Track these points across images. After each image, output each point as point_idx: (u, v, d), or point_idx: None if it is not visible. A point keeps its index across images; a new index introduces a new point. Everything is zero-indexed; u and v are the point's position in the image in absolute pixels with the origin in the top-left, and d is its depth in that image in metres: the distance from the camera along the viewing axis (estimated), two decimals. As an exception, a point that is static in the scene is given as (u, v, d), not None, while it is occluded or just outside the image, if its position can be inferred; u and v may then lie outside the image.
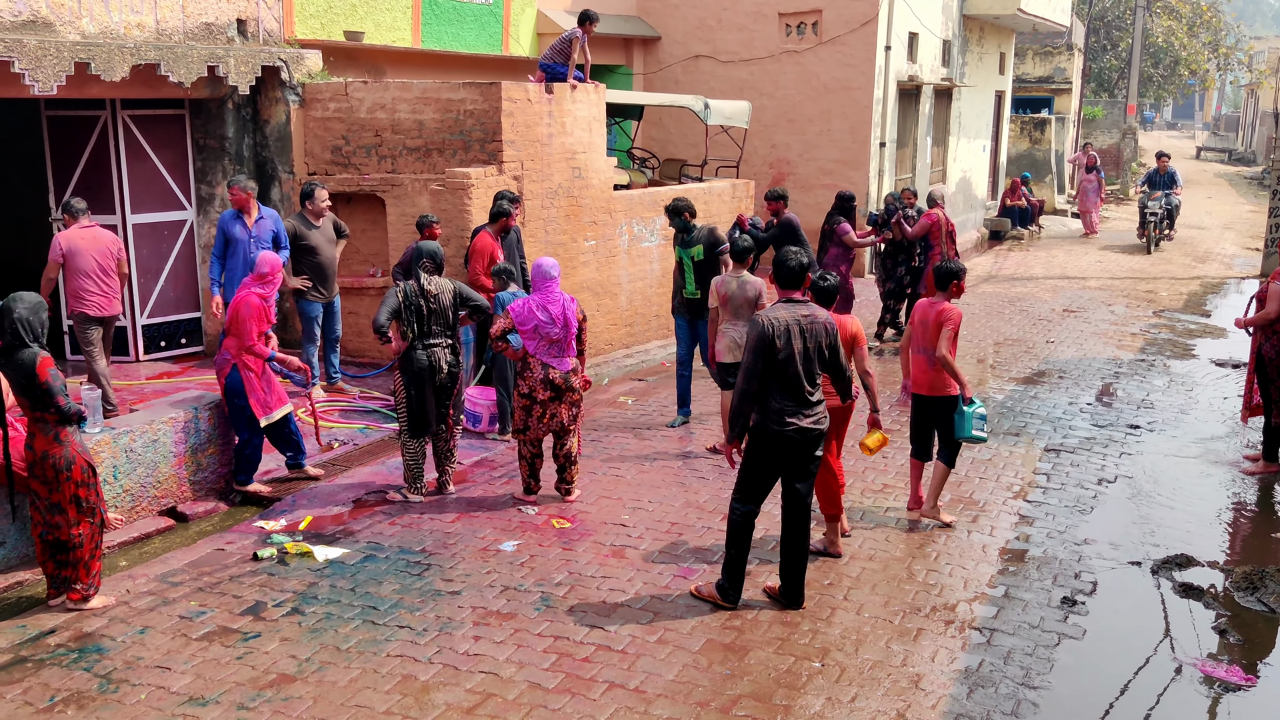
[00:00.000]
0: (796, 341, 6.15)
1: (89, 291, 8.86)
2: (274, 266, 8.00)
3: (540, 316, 7.71)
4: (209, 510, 7.85)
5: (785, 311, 6.23)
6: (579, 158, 11.86)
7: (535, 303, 7.75)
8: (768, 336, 6.10)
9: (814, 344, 6.22)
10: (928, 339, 7.49)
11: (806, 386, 6.20)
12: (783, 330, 6.12)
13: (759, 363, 6.12)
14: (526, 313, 7.72)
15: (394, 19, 13.23)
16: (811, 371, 6.23)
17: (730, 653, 5.90)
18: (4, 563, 6.71)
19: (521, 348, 7.82)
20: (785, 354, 6.12)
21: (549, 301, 7.76)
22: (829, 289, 6.85)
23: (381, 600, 6.44)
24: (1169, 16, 44.64)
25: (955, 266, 7.65)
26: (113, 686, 5.51)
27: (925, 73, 19.75)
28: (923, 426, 7.78)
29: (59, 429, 6.15)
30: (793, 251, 6.39)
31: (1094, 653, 6.07)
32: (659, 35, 18.93)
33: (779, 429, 6.16)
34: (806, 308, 6.29)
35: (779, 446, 6.22)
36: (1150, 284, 18.65)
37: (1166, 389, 11.73)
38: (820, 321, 6.26)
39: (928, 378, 7.54)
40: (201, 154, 11.23)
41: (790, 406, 6.17)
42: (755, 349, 6.13)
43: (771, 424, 6.17)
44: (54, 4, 9.16)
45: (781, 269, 6.38)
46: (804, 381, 6.18)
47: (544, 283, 7.82)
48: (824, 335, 6.26)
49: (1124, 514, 8.17)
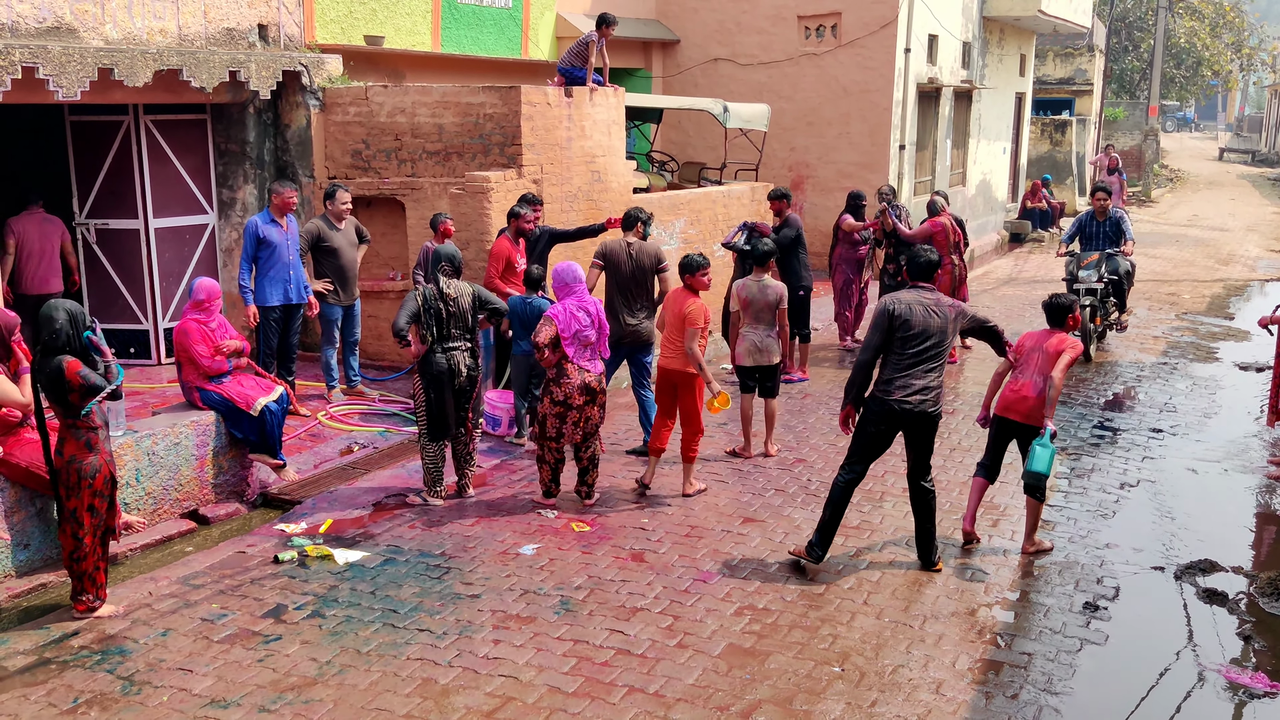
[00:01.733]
0: (917, 320, 6.62)
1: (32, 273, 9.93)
2: (210, 293, 7.97)
3: (581, 319, 7.72)
4: (230, 513, 7.89)
5: (910, 294, 6.74)
6: (598, 161, 11.87)
7: (573, 306, 7.74)
8: (889, 313, 6.63)
9: (937, 323, 6.66)
10: (1045, 365, 7.18)
11: (922, 365, 6.65)
12: (904, 308, 6.65)
13: (877, 337, 6.68)
14: (569, 318, 7.68)
15: (414, 23, 13.27)
16: (927, 353, 6.67)
17: (750, 657, 5.89)
18: (28, 565, 6.76)
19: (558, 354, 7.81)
20: (903, 333, 6.63)
21: (584, 304, 7.79)
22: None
23: (401, 603, 6.46)
24: (1191, 17, 44.40)
25: (1066, 301, 7.39)
26: (135, 688, 5.54)
27: (945, 75, 19.69)
28: (1002, 451, 7.51)
29: (90, 434, 6.19)
30: (925, 249, 6.89)
31: (1116, 659, 6.03)
32: (678, 38, 18.93)
33: (890, 401, 6.67)
34: (931, 294, 6.76)
35: (889, 419, 6.73)
36: (1172, 286, 18.53)
37: (1189, 392, 11.65)
38: (944, 304, 6.73)
39: (1029, 405, 7.19)
40: (223, 158, 11.29)
41: (900, 380, 6.66)
42: (876, 324, 6.69)
43: (881, 395, 6.70)
44: (78, 10, 9.22)
45: (914, 264, 6.88)
46: (916, 362, 6.65)
47: (574, 286, 7.82)
48: (948, 312, 6.71)
49: (1146, 519, 8.12)
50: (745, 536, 7.50)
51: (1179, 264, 21.16)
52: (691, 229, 13.36)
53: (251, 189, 11.25)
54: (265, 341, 9.56)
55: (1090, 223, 13.45)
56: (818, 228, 17.80)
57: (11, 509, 6.64)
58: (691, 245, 13.28)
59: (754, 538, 7.49)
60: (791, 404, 10.84)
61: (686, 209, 13.34)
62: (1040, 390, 7.14)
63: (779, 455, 9.27)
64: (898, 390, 6.68)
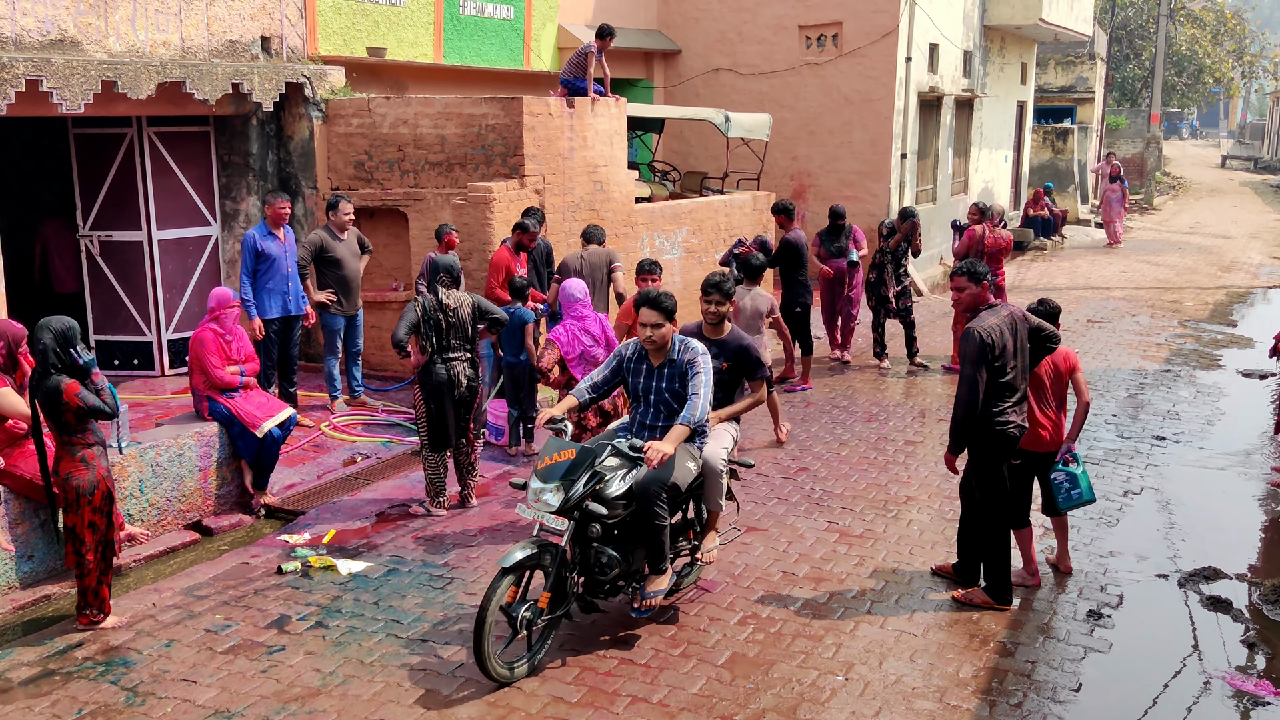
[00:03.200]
0: (1009, 342, 6.33)
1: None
2: (221, 301, 7.97)
3: (585, 341, 7.65)
4: (233, 524, 7.90)
5: (993, 318, 6.38)
6: (600, 171, 11.89)
7: (575, 328, 7.65)
8: (987, 344, 6.25)
9: (1020, 340, 6.39)
10: (1060, 387, 6.91)
11: (1020, 385, 6.41)
12: (998, 335, 6.29)
13: (978, 372, 6.26)
14: (571, 340, 7.61)
15: (416, 35, 13.31)
16: (1025, 369, 6.45)
17: (754, 666, 5.88)
18: (32, 577, 6.77)
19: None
20: (1000, 361, 6.30)
21: (587, 324, 7.70)
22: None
23: (404, 614, 6.46)
24: (1192, 24, 44.47)
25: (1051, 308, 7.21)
26: (139, 700, 5.54)
27: (946, 84, 19.72)
28: (1028, 488, 6.93)
29: (86, 451, 6.19)
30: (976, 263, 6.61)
31: (1120, 666, 6.02)
32: (679, 49, 18.98)
33: (998, 428, 6.36)
34: (1006, 307, 6.46)
35: (1006, 446, 6.42)
36: (1175, 294, 18.52)
37: (1193, 400, 11.64)
38: (1016, 316, 6.44)
39: (1051, 434, 6.86)
40: (226, 170, 11.32)
41: (1009, 408, 6.37)
42: (976, 360, 6.25)
43: (989, 424, 6.36)
44: (81, 23, 9.26)
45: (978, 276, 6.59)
46: (1018, 382, 6.39)
47: (573, 305, 7.76)
48: (1022, 325, 6.43)
49: (1150, 526, 8.11)
50: (749, 545, 7.50)
51: (1182, 271, 21.15)
52: (694, 238, 13.38)
53: (254, 200, 11.29)
54: (265, 353, 9.56)
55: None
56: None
57: (15, 520, 6.65)
58: (694, 254, 13.31)
59: (757, 547, 7.49)
60: (794, 413, 10.84)
61: (688, 218, 13.36)
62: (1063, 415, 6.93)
63: (784, 465, 9.27)
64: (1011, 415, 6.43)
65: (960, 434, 6.40)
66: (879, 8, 17.37)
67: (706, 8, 18.65)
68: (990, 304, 6.51)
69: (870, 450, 9.69)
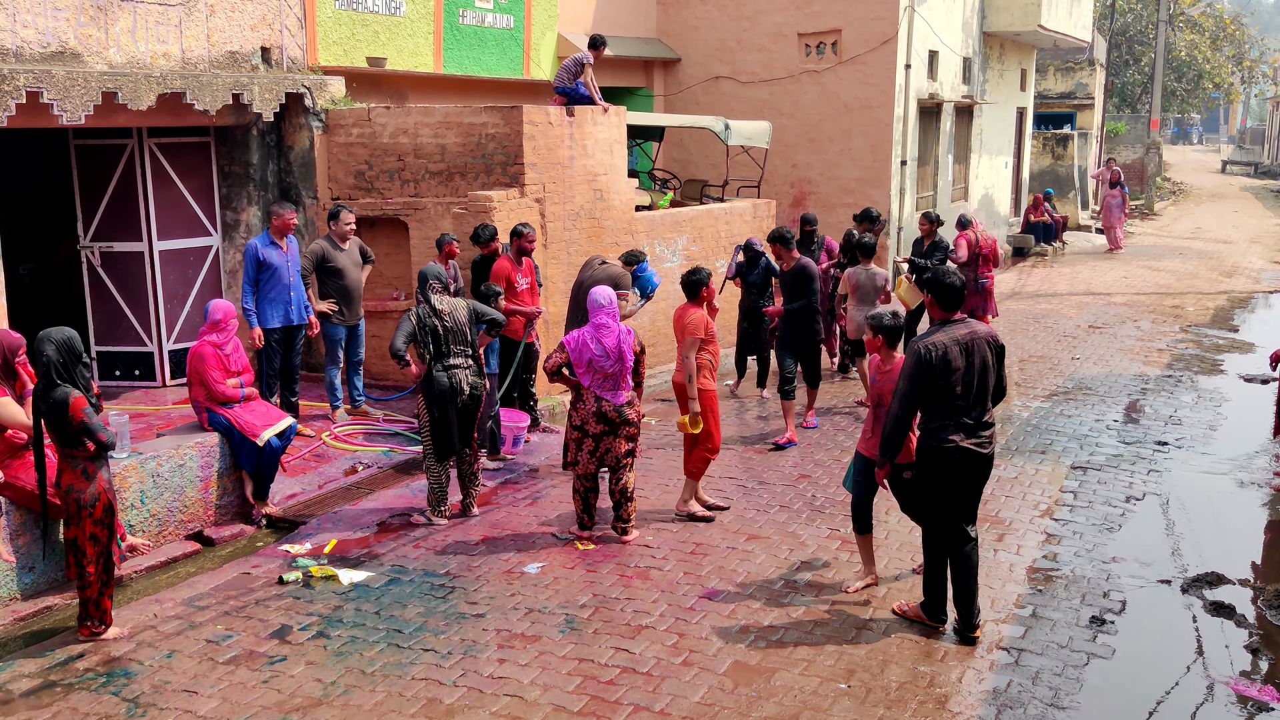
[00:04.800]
0: (958, 363, 6.00)
1: None
2: (225, 313, 7.97)
3: (594, 349, 7.46)
4: (234, 534, 7.89)
5: (942, 335, 6.06)
6: (600, 179, 11.90)
7: (589, 335, 7.50)
8: (926, 362, 5.98)
9: (980, 360, 6.07)
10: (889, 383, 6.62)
11: (970, 407, 6.07)
12: (940, 354, 5.99)
13: (915, 389, 6.03)
14: (580, 345, 7.49)
15: (416, 44, 13.33)
16: (983, 391, 6.11)
17: (756, 674, 5.87)
18: (34, 588, 6.77)
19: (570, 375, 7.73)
20: (946, 378, 5.98)
21: (602, 334, 7.49)
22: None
23: (406, 623, 6.45)
24: (1192, 30, 44.52)
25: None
26: (140, 711, 5.53)
27: (946, 90, 19.74)
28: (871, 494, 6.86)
29: (87, 464, 6.19)
30: (951, 271, 6.30)
31: (1124, 673, 6.01)
32: (679, 57, 19.00)
33: (943, 448, 6.06)
34: (965, 325, 6.14)
35: (946, 464, 6.10)
36: (1177, 299, 18.52)
37: (1194, 405, 11.63)
38: (981, 335, 6.12)
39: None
40: (227, 180, 11.33)
41: (952, 426, 6.05)
42: (911, 375, 6.03)
43: (933, 442, 6.10)
44: (82, 35, 9.28)
45: (940, 288, 6.18)
46: (971, 403, 6.06)
47: (594, 312, 7.54)
48: (988, 350, 6.12)
49: (1153, 532, 8.10)
50: (750, 553, 7.49)
51: (1183, 276, 21.15)
52: (694, 246, 13.39)
53: (255, 210, 11.30)
54: (267, 363, 9.57)
55: None
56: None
57: (16, 532, 6.65)
58: (694, 262, 13.29)
59: (759, 554, 7.48)
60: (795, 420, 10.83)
61: (689, 226, 13.37)
62: None
63: (785, 471, 9.26)
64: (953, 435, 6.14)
65: (888, 448, 6.22)
66: (878, 15, 17.40)
67: (706, 16, 18.68)
68: (950, 319, 6.15)
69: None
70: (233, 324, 8.02)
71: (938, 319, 6.20)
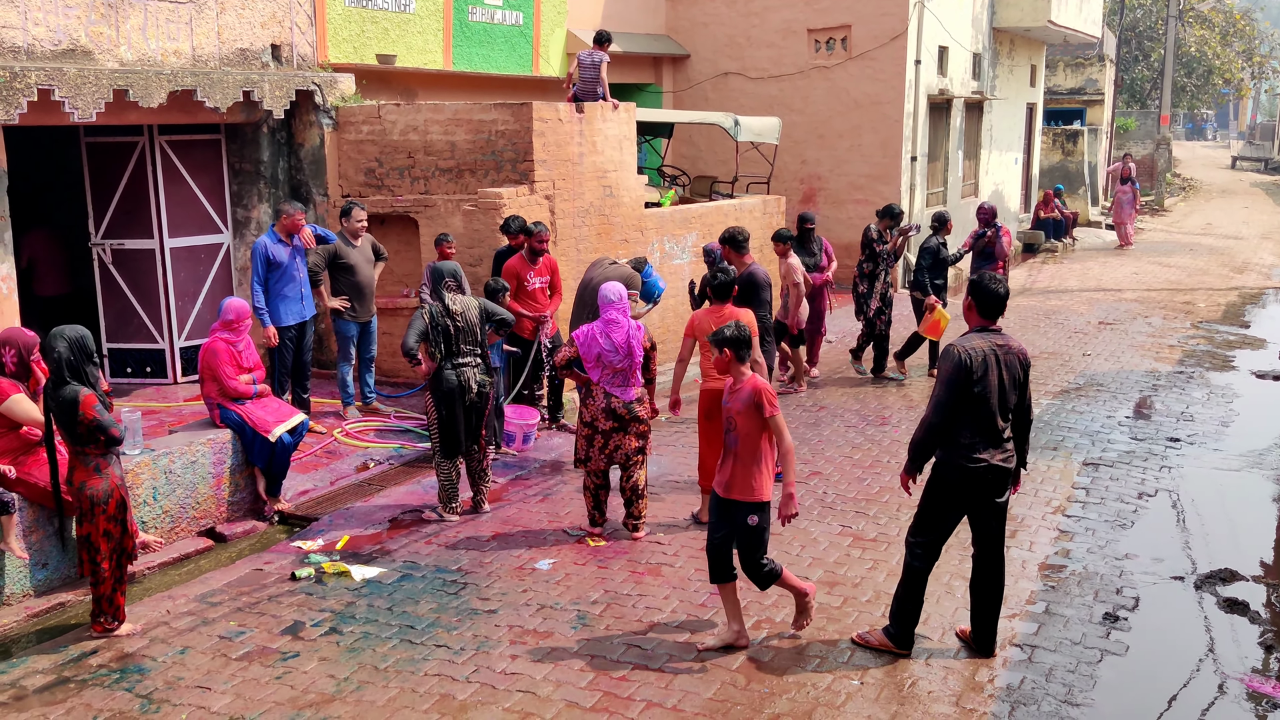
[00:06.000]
0: (993, 374, 5.74)
1: None
2: (240, 314, 7.99)
3: (603, 344, 7.42)
4: (246, 530, 7.91)
5: (981, 341, 5.82)
6: (610, 176, 11.90)
7: (599, 330, 7.46)
8: (965, 367, 5.70)
9: (1010, 376, 5.80)
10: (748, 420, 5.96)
11: (999, 421, 5.80)
12: (980, 361, 5.72)
13: (952, 395, 5.74)
14: (589, 340, 7.46)
15: (425, 41, 13.34)
16: (1006, 406, 5.82)
17: (768, 671, 5.86)
18: (47, 584, 6.79)
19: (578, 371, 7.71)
20: (981, 387, 5.72)
21: (612, 329, 7.45)
22: (723, 284, 7.69)
23: (419, 619, 6.45)
24: (1201, 26, 44.36)
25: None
26: (154, 707, 5.54)
27: (956, 86, 19.69)
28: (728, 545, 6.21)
29: (99, 460, 6.20)
30: (996, 278, 5.95)
31: (1137, 669, 5.99)
32: (688, 53, 18.98)
33: (969, 465, 5.79)
34: (1001, 337, 5.87)
35: (967, 484, 5.83)
36: (1187, 295, 18.46)
37: (1206, 401, 11.59)
38: (1014, 351, 5.84)
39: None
40: (237, 178, 11.35)
41: (981, 443, 5.79)
42: (949, 381, 5.74)
43: (960, 460, 5.80)
44: (93, 33, 9.30)
45: (984, 294, 5.89)
46: (997, 416, 5.78)
47: (605, 308, 7.50)
48: (1018, 367, 5.83)
49: (1166, 528, 8.08)
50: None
51: (1193, 272, 21.08)
52: (703, 243, 13.36)
53: (266, 208, 11.31)
54: (280, 360, 9.58)
55: None
56: (830, 239, 17.75)
57: (30, 528, 6.67)
58: (702, 260, 13.28)
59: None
60: (806, 416, 10.83)
61: (698, 223, 13.36)
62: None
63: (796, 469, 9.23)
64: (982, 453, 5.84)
65: (918, 455, 5.90)
66: (888, 11, 17.36)
67: (715, 12, 18.66)
68: (989, 328, 5.91)
69: (883, 454, 9.67)
70: (246, 324, 8.04)
71: (976, 325, 5.93)
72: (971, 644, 6.10)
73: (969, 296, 5.96)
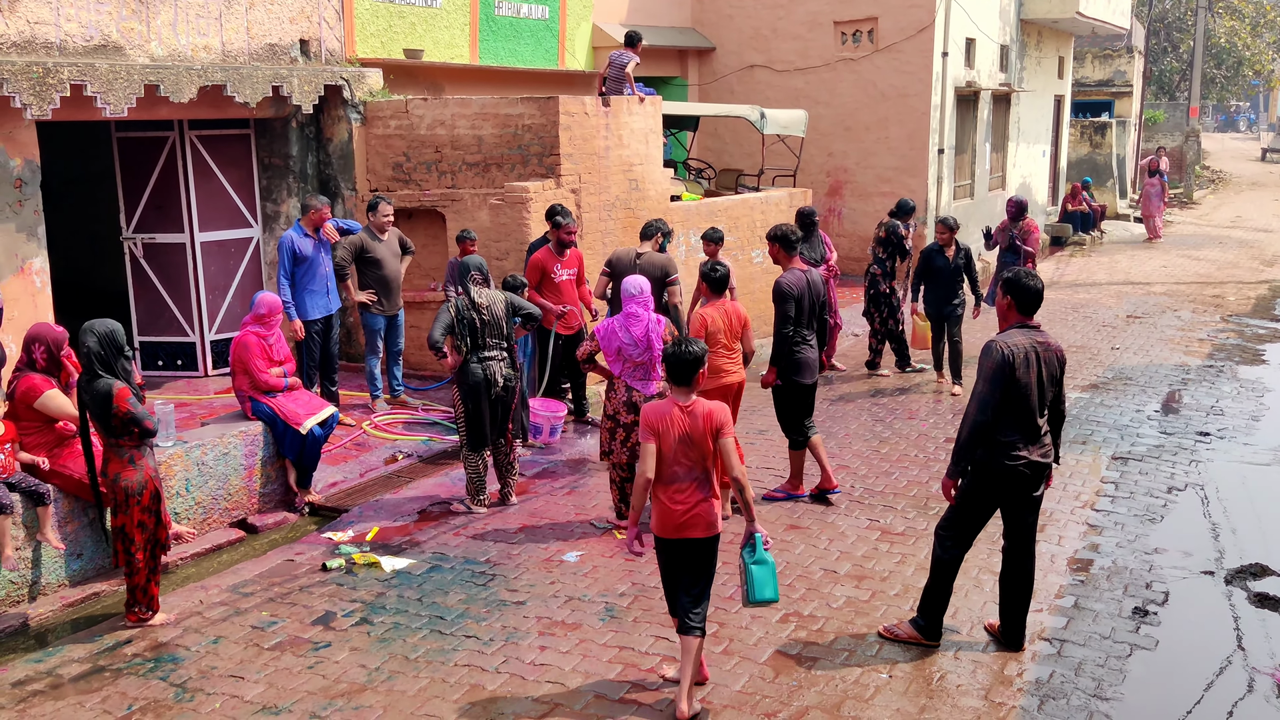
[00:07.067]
0: (1033, 370, 5.71)
1: None
2: (272, 308, 8.06)
3: (623, 338, 7.46)
4: (277, 522, 7.98)
5: (1022, 337, 5.78)
6: (636, 170, 11.91)
7: (618, 323, 7.49)
8: (1008, 363, 5.67)
9: (1048, 373, 5.78)
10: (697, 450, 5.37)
11: (1038, 418, 5.77)
12: (1021, 357, 5.69)
13: (997, 393, 5.69)
14: (609, 334, 7.49)
15: (452, 36, 13.38)
16: (1044, 402, 5.80)
17: (797, 664, 5.88)
18: (82, 574, 6.87)
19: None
20: (1024, 383, 5.69)
21: (631, 323, 7.47)
22: (719, 277, 7.59)
23: (448, 610, 6.50)
24: (1231, 17, 43.90)
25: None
26: (188, 695, 5.61)
27: (983, 78, 19.58)
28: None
29: (133, 452, 6.27)
30: (1032, 274, 5.90)
31: (1167, 664, 5.97)
32: (713, 46, 18.96)
33: (1010, 464, 5.78)
34: (1040, 334, 5.83)
35: (1006, 482, 5.83)
36: (1217, 289, 18.31)
37: (1236, 395, 11.51)
38: (1053, 349, 5.82)
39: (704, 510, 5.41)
40: (266, 172, 11.43)
41: (1021, 440, 5.76)
42: (993, 378, 5.70)
43: (1001, 458, 5.78)
44: (124, 29, 9.38)
45: (1022, 291, 5.84)
46: (1037, 413, 5.76)
47: (626, 301, 7.53)
48: (1056, 364, 5.81)
49: (1195, 523, 8.03)
50: (789, 543, 7.49)
51: (1223, 266, 20.90)
52: (729, 236, 13.35)
53: (295, 202, 11.38)
54: (308, 354, 9.64)
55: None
56: (856, 233, 17.79)
57: (65, 519, 6.75)
58: (729, 252, 13.27)
59: (798, 545, 7.48)
60: (833, 410, 10.82)
61: (724, 216, 13.34)
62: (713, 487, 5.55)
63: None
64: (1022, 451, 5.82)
65: (963, 456, 5.83)
66: (915, 2, 17.28)
67: (740, 5, 18.62)
68: (1027, 324, 5.86)
69: (911, 448, 9.65)
70: (278, 318, 8.12)
71: (1014, 323, 5.87)
72: (1000, 638, 6.10)
73: (1006, 294, 5.90)
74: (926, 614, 6.08)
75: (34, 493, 6.49)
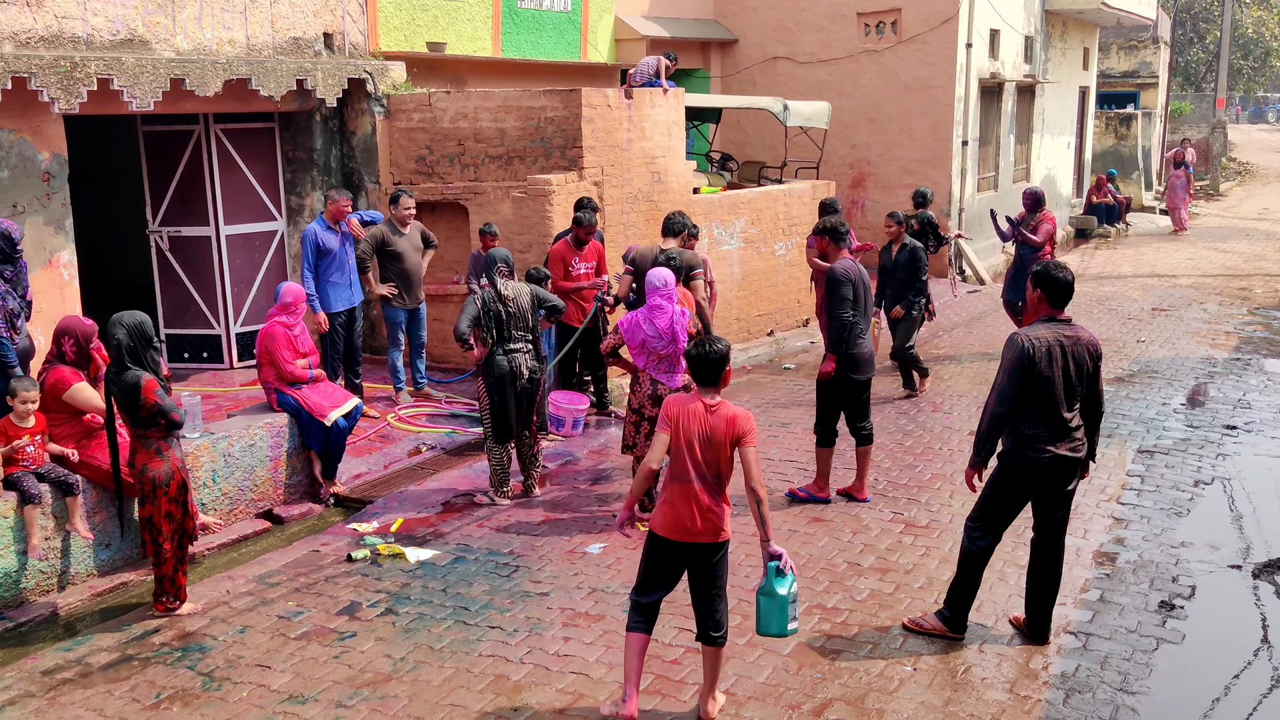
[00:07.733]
0: (1057, 364, 5.67)
1: None
2: (297, 296, 8.12)
3: (647, 330, 7.40)
4: (303, 513, 8.03)
5: (1047, 331, 5.74)
6: (658, 162, 11.90)
7: (642, 316, 7.44)
8: (1028, 355, 5.64)
9: (1077, 367, 5.71)
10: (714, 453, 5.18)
11: (1064, 412, 5.74)
12: (1044, 351, 5.66)
13: (1015, 385, 5.68)
14: (633, 327, 7.45)
15: (475, 29, 13.40)
16: (1072, 396, 5.75)
17: (821, 656, 5.87)
18: (110, 564, 6.94)
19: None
20: (1046, 376, 5.65)
21: (656, 315, 7.41)
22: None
23: (472, 601, 6.53)
24: (1259, 6, 43.49)
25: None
26: (215, 684, 5.66)
27: (1007, 70, 19.47)
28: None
29: (160, 443, 6.32)
30: (1061, 265, 5.83)
31: (1193, 658, 5.94)
32: (736, 38, 18.92)
33: (1034, 456, 5.77)
34: (1070, 327, 5.78)
35: (1032, 475, 5.83)
36: (1244, 281, 18.17)
37: (1264, 389, 11.42)
38: (1084, 342, 5.75)
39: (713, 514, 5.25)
40: (291, 166, 11.48)
41: (1046, 434, 5.73)
42: (1013, 370, 5.68)
43: (1027, 452, 5.78)
44: (150, 23, 9.43)
45: (1052, 284, 5.78)
46: (1062, 407, 5.72)
47: (650, 294, 7.47)
48: (1087, 358, 5.75)
49: (1222, 516, 7.98)
50: (812, 536, 7.48)
51: (1250, 258, 20.73)
52: (752, 229, 13.34)
53: (319, 195, 11.43)
54: (331, 346, 9.70)
55: None
56: (879, 225, 17.67)
57: (93, 509, 6.81)
58: (752, 245, 13.27)
59: (821, 538, 7.47)
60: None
61: (747, 208, 13.32)
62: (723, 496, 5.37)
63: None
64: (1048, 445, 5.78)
65: (982, 447, 5.82)
66: (938, -7, 17.20)
67: (763, -3, 18.58)
68: (1056, 317, 5.80)
69: (935, 440, 9.62)
70: (302, 307, 8.17)
71: (1044, 315, 5.81)
72: (1026, 631, 6.08)
73: (1036, 287, 5.84)
74: (953, 606, 6.07)
75: (63, 483, 6.56)
